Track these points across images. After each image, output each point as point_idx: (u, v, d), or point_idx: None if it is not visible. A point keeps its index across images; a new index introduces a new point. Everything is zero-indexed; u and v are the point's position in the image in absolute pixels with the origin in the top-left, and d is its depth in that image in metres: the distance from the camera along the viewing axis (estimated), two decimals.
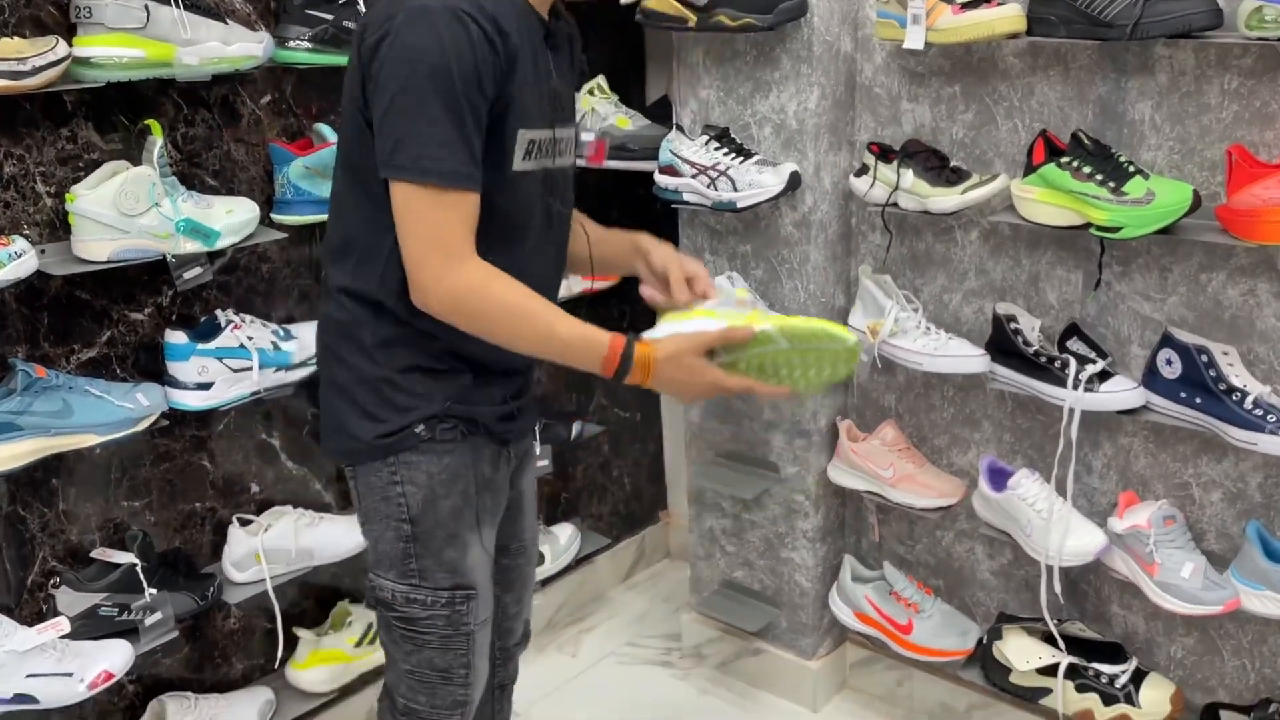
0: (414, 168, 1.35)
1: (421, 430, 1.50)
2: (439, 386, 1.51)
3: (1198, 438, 1.92)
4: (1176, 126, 1.84)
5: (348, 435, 1.53)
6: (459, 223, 1.38)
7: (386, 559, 1.55)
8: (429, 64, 1.33)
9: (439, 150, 1.34)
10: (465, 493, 1.55)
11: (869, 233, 2.27)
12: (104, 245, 1.77)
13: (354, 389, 1.52)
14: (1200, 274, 1.87)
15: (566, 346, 1.43)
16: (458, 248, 1.38)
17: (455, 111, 1.34)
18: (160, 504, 2.04)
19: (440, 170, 1.35)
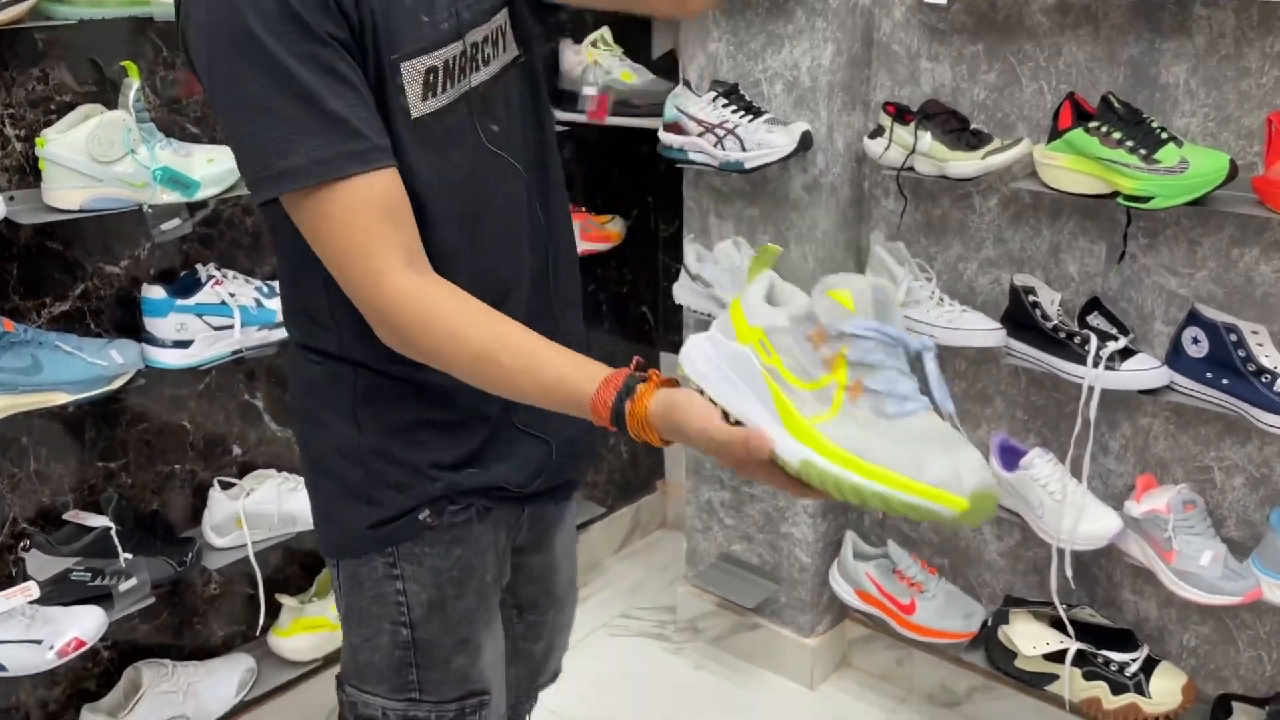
0: (268, 177, 0.98)
1: (427, 516, 1.17)
2: (445, 450, 1.16)
3: (1222, 420, 1.83)
4: (1213, 92, 1.74)
5: (336, 524, 1.20)
6: (364, 222, 0.98)
7: (374, 671, 1.21)
8: (225, 36, 0.96)
9: (284, 141, 0.97)
10: (481, 589, 1.23)
11: (882, 198, 2.17)
12: (75, 193, 1.68)
13: (337, 463, 1.18)
14: (1232, 248, 1.78)
15: (537, 401, 1.00)
16: (375, 253, 0.99)
17: (285, 79, 0.96)
18: (137, 465, 1.96)
19: (295, 167, 0.97)
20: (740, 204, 2.24)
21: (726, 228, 2.28)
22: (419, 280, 1.01)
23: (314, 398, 1.18)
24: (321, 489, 1.22)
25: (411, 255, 1.01)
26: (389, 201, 1.00)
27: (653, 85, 2.36)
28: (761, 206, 2.21)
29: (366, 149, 0.99)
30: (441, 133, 1.08)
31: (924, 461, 0.81)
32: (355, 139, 0.98)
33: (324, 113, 0.97)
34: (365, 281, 1.00)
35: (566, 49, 2.45)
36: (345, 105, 0.98)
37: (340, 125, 0.97)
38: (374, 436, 1.15)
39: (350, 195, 0.98)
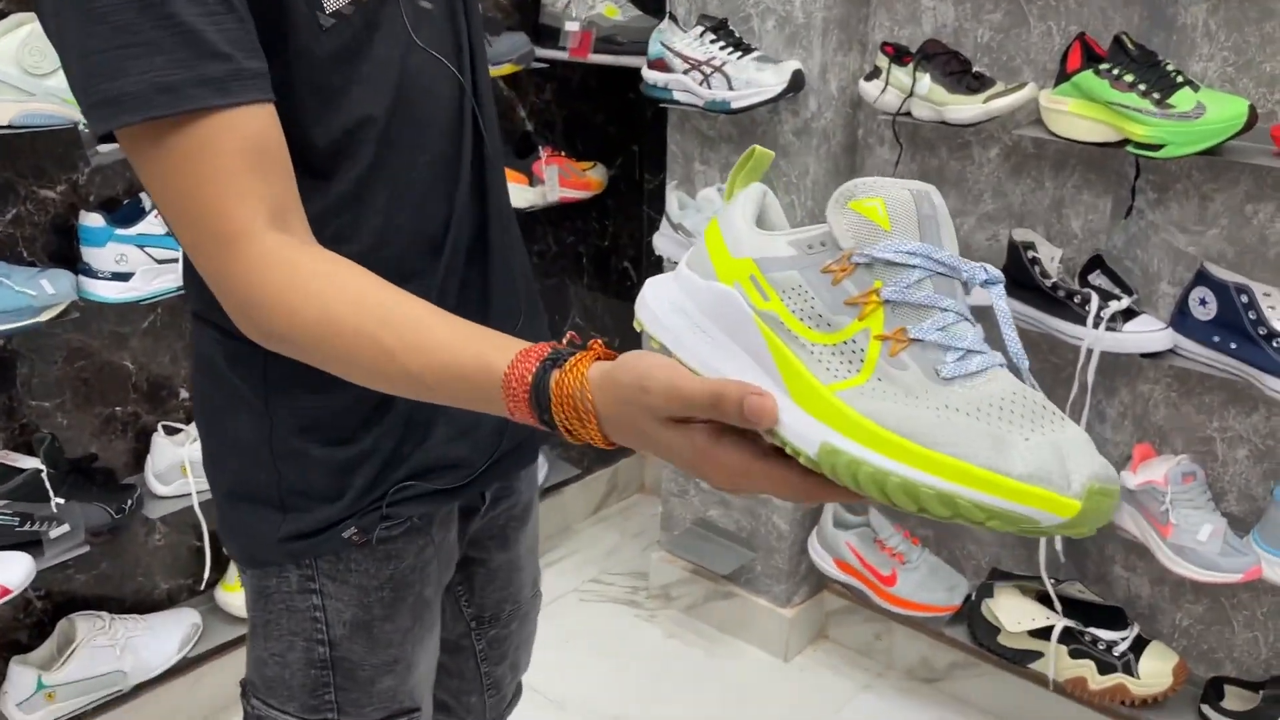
0: (96, 104, 0.73)
1: (353, 534, 0.96)
2: (377, 444, 0.95)
3: (1227, 388, 1.73)
4: (1234, 34, 1.62)
5: (242, 532, 0.99)
6: (218, 171, 0.74)
7: (284, 687, 1.00)
8: None
9: (116, 58, 0.71)
10: (418, 605, 1.03)
11: (876, 146, 2.05)
12: (5, 107, 1.55)
13: (243, 462, 0.96)
14: (1246, 204, 1.66)
15: (432, 392, 0.74)
16: (231, 212, 0.74)
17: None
18: (75, 405, 1.84)
19: (127, 93, 0.72)
20: (726, 149, 2.12)
21: (711, 174, 2.16)
22: (286, 243, 0.76)
23: (215, 383, 0.96)
24: (224, 490, 0.99)
25: (282, 214, 0.77)
26: (258, 146, 0.75)
27: (638, 21, 2.23)
28: None
29: (227, 74, 0.73)
30: (361, 28, 0.84)
31: (1008, 445, 0.56)
32: (214, 60, 0.73)
33: (172, 20, 0.71)
34: (215, 249, 0.75)
35: None
36: (203, 13, 0.72)
37: (194, 40, 0.72)
38: (287, 432, 0.93)
39: (203, 135, 0.73)
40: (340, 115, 0.85)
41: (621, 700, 2.19)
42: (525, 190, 2.32)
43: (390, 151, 0.89)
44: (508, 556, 1.18)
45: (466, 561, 1.15)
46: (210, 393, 0.98)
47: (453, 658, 1.20)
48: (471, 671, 1.22)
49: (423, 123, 0.91)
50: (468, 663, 1.21)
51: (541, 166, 2.35)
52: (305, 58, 0.82)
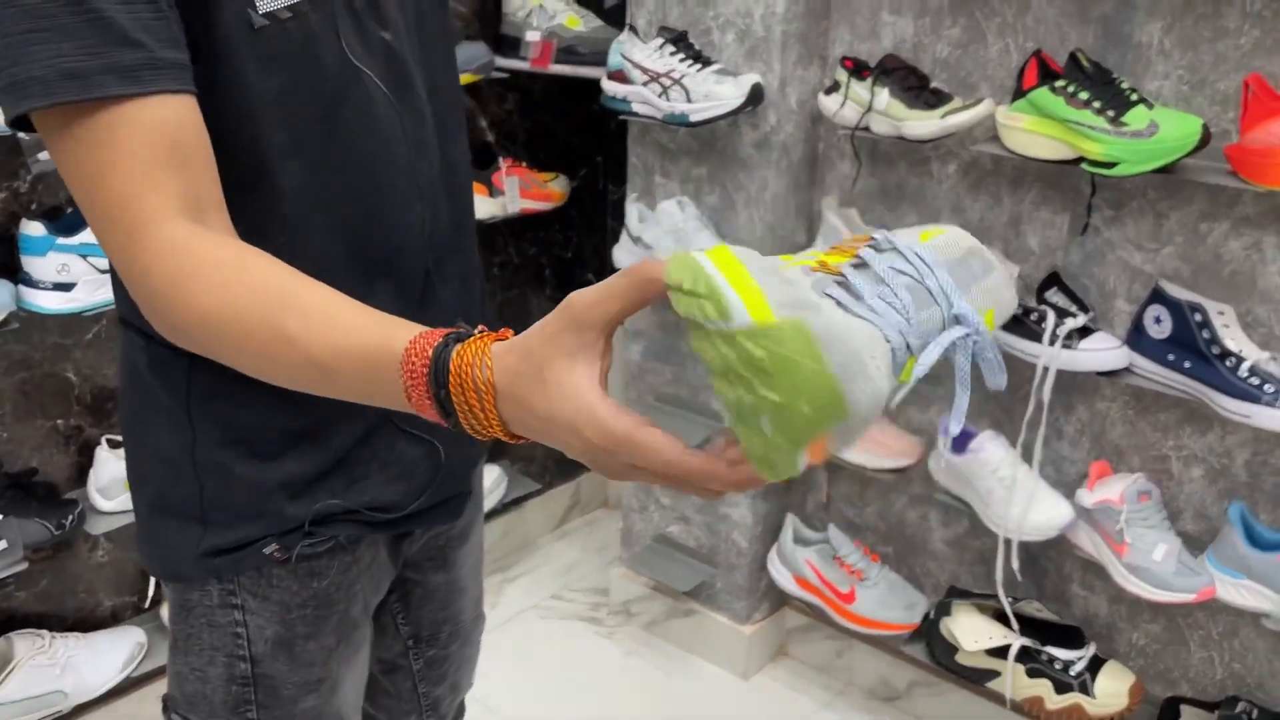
0: (4, 90, 0.71)
1: (274, 550, 0.93)
2: (300, 464, 0.92)
3: (1182, 406, 1.72)
4: (1188, 53, 1.62)
5: (161, 544, 0.96)
6: (129, 162, 0.71)
7: (205, 702, 0.98)
8: None
9: (23, 41, 0.69)
10: (344, 623, 1.00)
11: (837, 160, 2.04)
12: None
13: (164, 473, 0.93)
14: (1200, 223, 1.66)
15: (328, 376, 0.71)
16: (140, 202, 0.72)
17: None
18: (15, 418, 1.80)
19: (32, 78, 0.70)
20: (687, 162, 2.10)
21: (672, 187, 2.14)
22: (196, 233, 0.73)
23: (138, 391, 0.93)
24: (145, 501, 0.96)
25: (196, 207, 0.74)
26: (171, 136, 0.73)
27: (600, 32, 2.22)
28: (709, 165, 2.07)
29: (139, 63, 0.71)
30: (300, 37, 0.81)
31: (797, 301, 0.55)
32: (126, 48, 0.70)
33: (84, 9, 0.69)
34: (122, 239, 0.73)
35: None
36: (118, 1, 0.70)
37: (105, 27, 0.70)
38: (211, 445, 0.91)
39: (112, 123, 0.71)
40: (262, 127, 0.82)
41: (579, 718, 2.16)
42: (486, 201, 2.30)
43: (325, 176, 0.86)
44: (448, 577, 1.15)
45: (403, 581, 1.11)
46: (133, 401, 0.95)
47: (389, 677, 1.17)
48: (409, 692, 1.19)
49: (364, 150, 0.87)
50: (404, 683, 1.18)
51: (502, 177, 2.33)
52: (231, 57, 0.79)
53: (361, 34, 0.86)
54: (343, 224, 0.87)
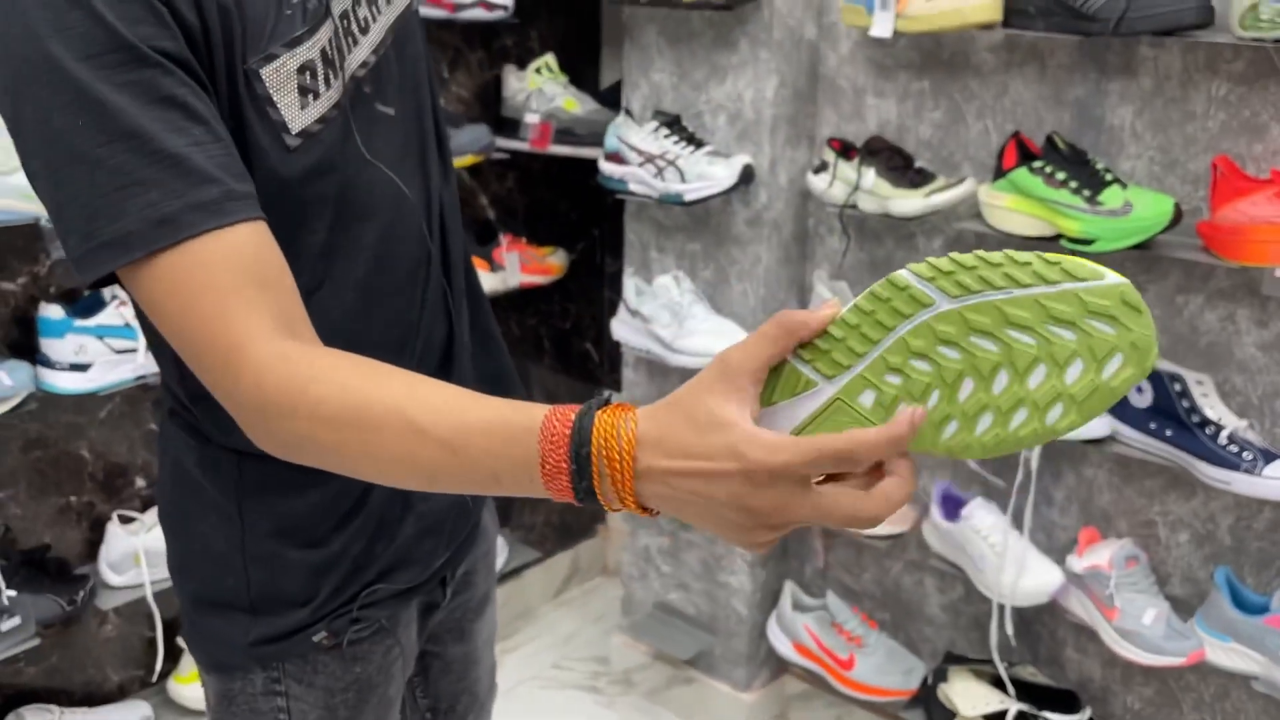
0: (98, 247, 0.74)
1: (323, 637, 0.97)
2: (347, 552, 0.96)
3: (1167, 473, 1.77)
4: (1159, 134, 1.70)
5: (210, 638, 0.99)
6: (221, 286, 0.74)
7: None
8: (24, 64, 0.73)
9: (113, 197, 0.72)
10: (381, 704, 1.04)
11: (826, 235, 2.11)
12: None
13: (214, 569, 0.96)
14: (1177, 295, 1.73)
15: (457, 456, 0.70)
16: (235, 324, 0.74)
17: (106, 116, 0.72)
18: (30, 495, 1.84)
19: (129, 231, 0.73)
20: (681, 238, 2.18)
21: (668, 261, 2.21)
22: (295, 346, 0.75)
23: (184, 488, 0.96)
24: (192, 597, 0.99)
25: (289, 323, 0.76)
26: (255, 260, 0.75)
27: (597, 115, 2.30)
28: (703, 241, 2.15)
29: (220, 197, 0.74)
30: (330, 143, 0.85)
31: None
32: (205, 185, 0.74)
33: (160, 154, 0.72)
34: (222, 363, 0.74)
35: (510, 74, 2.39)
36: (190, 142, 0.74)
37: (184, 169, 0.73)
38: (262, 537, 0.94)
39: (201, 256, 0.73)
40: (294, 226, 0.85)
41: None
42: (487, 276, 2.36)
43: (346, 261, 0.90)
44: (464, 649, 1.19)
45: (422, 654, 1.16)
46: (179, 498, 0.98)
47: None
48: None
49: (378, 233, 0.92)
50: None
51: (502, 253, 2.40)
52: (268, 175, 0.82)
53: (370, 118, 0.90)
54: (364, 302, 0.92)
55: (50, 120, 0.73)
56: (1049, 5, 1.64)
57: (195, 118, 0.75)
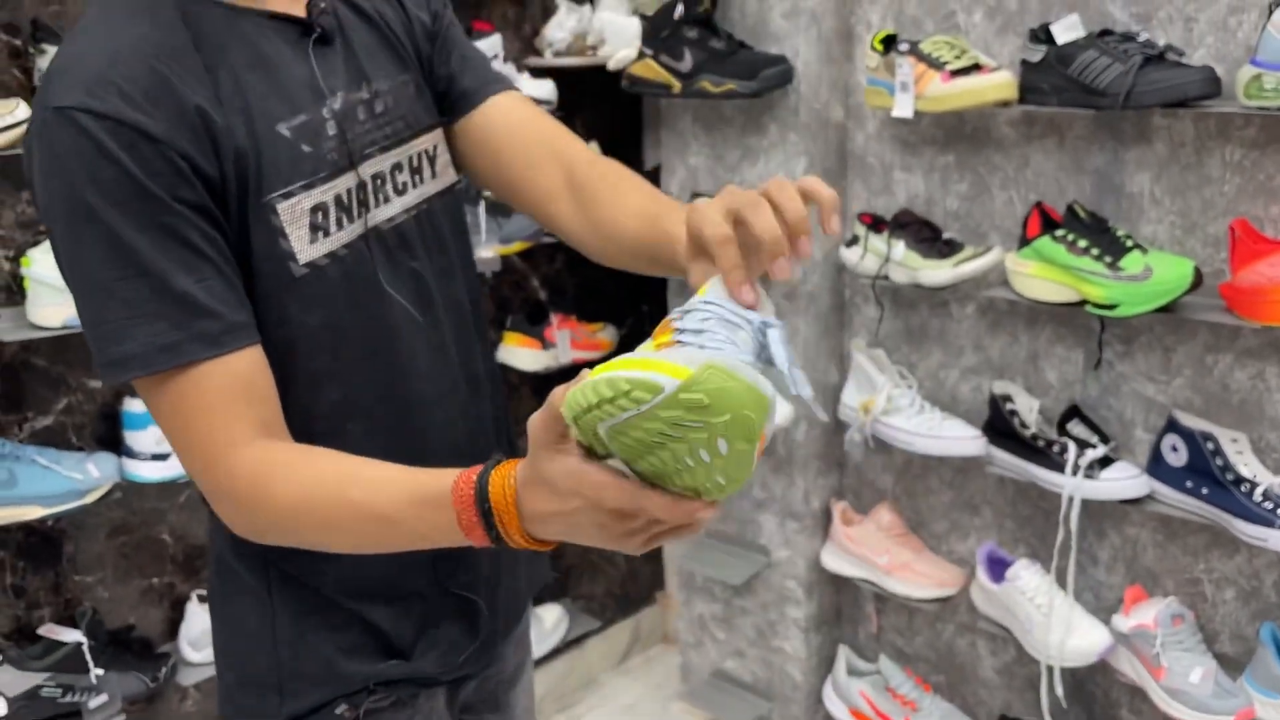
0: (108, 363, 0.87)
1: (344, 710, 1.05)
2: (367, 635, 1.05)
3: (1208, 530, 1.78)
4: (1177, 199, 1.75)
5: (245, 713, 1.07)
6: (213, 405, 0.87)
7: None
8: (63, 205, 0.85)
9: (124, 325, 0.86)
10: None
11: (863, 305, 2.18)
12: (58, 310, 1.72)
13: (248, 649, 1.05)
14: (1206, 355, 1.75)
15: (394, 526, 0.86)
16: (211, 444, 0.88)
17: (127, 256, 0.85)
18: (115, 578, 1.96)
19: (133, 354, 0.86)
20: None
21: None
22: (267, 446, 0.89)
23: (223, 574, 1.06)
24: (230, 676, 1.08)
25: (267, 428, 0.90)
26: (245, 381, 0.89)
27: None
28: None
29: (219, 331, 0.87)
30: (338, 277, 0.96)
31: None
32: (206, 319, 0.87)
33: (171, 292, 0.86)
34: (207, 466, 0.89)
35: None
36: (196, 281, 0.87)
37: (189, 305, 0.86)
38: (289, 621, 1.03)
39: (198, 381, 0.87)
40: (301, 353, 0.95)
41: None
42: (539, 354, 2.46)
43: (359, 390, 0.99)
44: (500, 718, 1.25)
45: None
46: (220, 583, 1.08)
47: None
48: None
49: (395, 365, 1.01)
50: None
51: (553, 332, 2.50)
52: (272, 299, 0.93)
53: (393, 265, 1.01)
54: (377, 428, 1.01)
55: (81, 253, 0.86)
56: (1061, 82, 1.71)
57: (204, 257, 0.88)
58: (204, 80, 0.89)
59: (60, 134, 0.84)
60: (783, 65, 1.98)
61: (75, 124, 0.84)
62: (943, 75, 1.83)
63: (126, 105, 0.85)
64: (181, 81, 0.88)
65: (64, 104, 0.84)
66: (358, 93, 1.00)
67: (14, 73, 1.74)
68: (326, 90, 0.97)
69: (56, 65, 0.88)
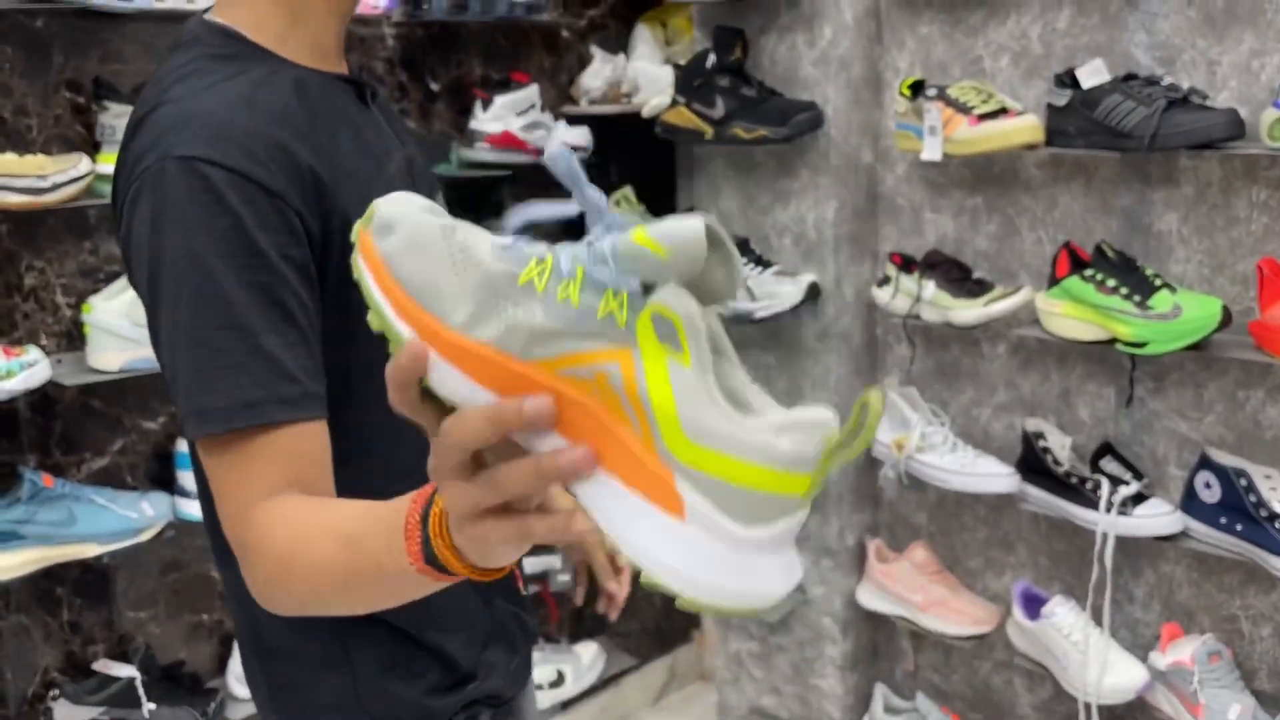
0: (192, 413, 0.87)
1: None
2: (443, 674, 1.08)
3: (1243, 566, 1.78)
4: (1205, 239, 1.77)
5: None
6: (273, 477, 0.86)
7: None
8: (171, 256, 0.87)
9: (211, 375, 0.86)
10: None
11: (895, 344, 2.21)
12: (117, 355, 1.80)
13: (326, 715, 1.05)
14: (1237, 391, 1.77)
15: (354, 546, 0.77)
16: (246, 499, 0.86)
17: (225, 309, 0.86)
18: (167, 614, 2.02)
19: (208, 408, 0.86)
20: (756, 352, 2.30)
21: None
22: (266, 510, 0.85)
23: (279, 658, 1.04)
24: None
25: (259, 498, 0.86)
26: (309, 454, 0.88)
27: None
28: (776, 354, 2.26)
29: (297, 396, 0.87)
30: None
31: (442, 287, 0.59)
32: (288, 383, 0.87)
33: (260, 351, 0.86)
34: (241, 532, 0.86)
35: None
36: (284, 344, 0.87)
37: (276, 366, 0.86)
38: (371, 679, 1.03)
39: (271, 444, 0.86)
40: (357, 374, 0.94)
41: None
42: None
43: None
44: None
45: None
46: (275, 670, 1.05)
47: None
48: None
49: None
50: None
51: None
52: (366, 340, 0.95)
53: None
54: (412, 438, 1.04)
55: (180, 300, 0.86)
56: (1087, 125, 1.75)
57: (293, 323, 0.89)
58: (309, 141, 0.92)
59: (181, 182, 0.86)
60: (813, 111, 2.03)
61: (198, 174, 0.86)
62: (970, 119, 1.88)
63: (249, 160, 0.87)
64: (293, 142, 0.91)
65: (187, 154, 0.86)
66: (401, 151, 1.05)
67: (77, 129, 1.83)
68: (392, 149, 1.02)
69: (171, 119, 0.89)
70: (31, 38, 1.78)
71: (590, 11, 2.55)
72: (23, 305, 1.81)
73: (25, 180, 1.66)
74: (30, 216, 1.77)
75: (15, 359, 1.69)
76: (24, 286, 1.81)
